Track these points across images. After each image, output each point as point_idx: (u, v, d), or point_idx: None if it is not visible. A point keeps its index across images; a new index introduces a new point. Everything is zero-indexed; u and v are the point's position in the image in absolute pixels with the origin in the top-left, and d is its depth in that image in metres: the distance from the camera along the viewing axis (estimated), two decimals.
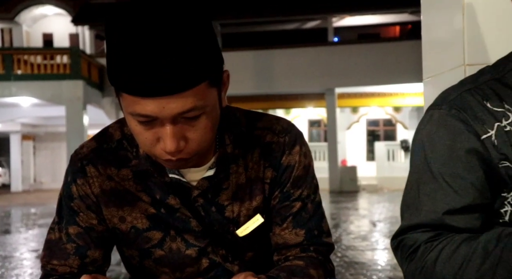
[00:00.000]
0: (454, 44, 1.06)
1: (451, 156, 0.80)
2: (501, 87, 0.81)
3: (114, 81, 0.78)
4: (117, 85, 0.78)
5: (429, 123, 0.84)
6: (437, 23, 1.17)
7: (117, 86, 0.78)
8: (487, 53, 0.99)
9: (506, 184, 0.77)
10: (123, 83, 0.76)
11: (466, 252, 0.74)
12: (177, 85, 0.75)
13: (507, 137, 0.77)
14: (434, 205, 0.80)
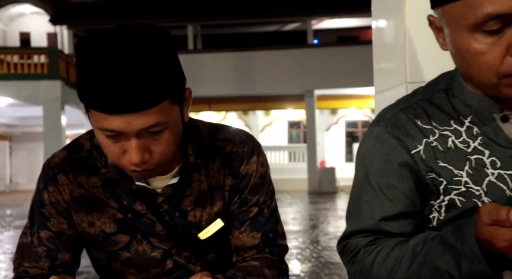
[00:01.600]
0: (398, 64, 1.17)
1: (386, 168, 0.90)
2: (430, 106, 0.91)
3: (84, 98, 0.86)
4: (86, 102, 0.86)
5: (369, 138, 0.94)
6: (384, 44, 1.28)
7: (87, 103, 0.87)
8: (427, 73, 1.09)
9: (433, 193, 0.88)
10: (92, 100, 0.85)
11: (398, 255, 0.84)
12: (142, 103, 0.84)
13: (433, 151, 0.88)
14: (372, 212, 0.90)
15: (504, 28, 0.76)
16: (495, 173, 0.84)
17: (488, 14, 0.75)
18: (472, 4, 0.76)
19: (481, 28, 0.77)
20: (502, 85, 0.80)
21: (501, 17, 0.75)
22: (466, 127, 0.87)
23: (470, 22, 0.77)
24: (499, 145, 0.85)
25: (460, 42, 0.81)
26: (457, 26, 0.80)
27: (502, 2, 0.74)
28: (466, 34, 0.79)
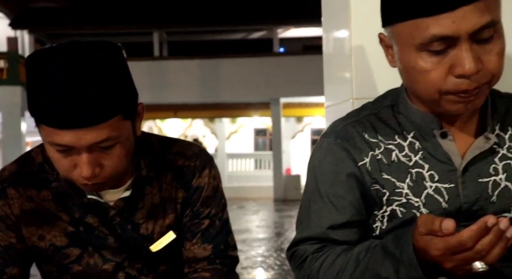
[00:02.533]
0: (345, 80, 1.22)
1: (335, 179, 0.94)
2: (377, 121, 0.96)
3: (34, 113, 0.87)
4: (36, 117, 0.87)
5: (320, 150, 0.98)
6: (333, 61, 1.34)
7: (37, 118, 0.87)
8: (372, 89, 1.15)
9: (376, 204, 0.93)
10: (42, 115, 0.86)
11: (343, 261, 0.89)
12: (92, 119, 0.85)
13: (378, 164, 0.93)
14: (320, 221, 0.94)
15: (448, 48, 0.81)
16: (433, 186, 0.90)
17: (434, 36, 0.80)
18: (419, 25, 0.81)
19: (427, 47, 0.82)
20: (444, 101, 0.85)
21: (445, 38, 0.80)
22: (408, 142, 0.93)
23: (417, 42, 0.82)
24: (437, 160, 0.90)
25: (407, 60, 0.85)
26: (405, 44, 0.85)
27: (446, 25, 0.79)
28: (413, 53, 0.84)
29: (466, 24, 0.78)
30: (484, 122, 0.91)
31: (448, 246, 0.74)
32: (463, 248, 0.74)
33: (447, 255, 0.75)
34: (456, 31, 0.78)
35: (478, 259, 0.74)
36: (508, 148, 0.91)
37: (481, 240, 0.73)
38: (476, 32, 0.79)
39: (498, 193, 0.88)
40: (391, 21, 0.86)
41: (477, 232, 0.73)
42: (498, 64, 0.82)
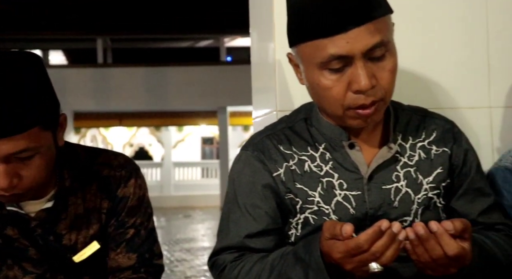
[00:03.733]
0: (270, 92, 1.27)
1: (251, 189, 0.99)
2: (291, 133, 1.02)
3: None
4: None
5: (238, 162, 1.03)
6: (259, 73, 1.39)
7: None
8: (295, 102, 1.20)
9: (291, 212, 0.98)
10: None
11: (259, 268, 0.93)
12: (8, 129, 0.85)
13: (292, 174, 0.98)
14: (238, 230, 0.98)
15: (345, 67, 0.88)
16: (342, 194, 0.96)
17: (331, 55, 0.87)
18: (318, 46, 0.88)
19: (327, 66, 0.89)
20: (347, 116, 0.92)
21: (342, 57, 0.87)
22: (320, 153, 0.99)
23: (318, 61, 0.89)
24: (346, 169, 0.97)
25: (312, 78, 0.92)
26: (309, 63, 0.91)
27: (341, 45, 0.86)
28: (316, 71, 0.90)
29: (359, 44, 0.85)
30: (388, 133, 0.99)
31: (347, 248, 0.80)
32: (360, 250, 0.80)
33: (347, 257, 0.81)
34: (350, 51, 0.86)
35: (374, 261, 0.80)
36: (409, 157, 0.98)
37: (376, 242, 0.79)
38: (368, 51, 0.86)
39: (400, 199, 0.95)
40: (295, 42, 0.93)
41: (372, 236, 0.79)
42: (391, 80, 0.90)
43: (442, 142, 1.00)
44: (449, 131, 1.02)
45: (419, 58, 1.27)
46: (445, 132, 1.02)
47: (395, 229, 0.79)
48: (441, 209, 0.98)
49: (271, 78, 1.26)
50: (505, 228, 1.00)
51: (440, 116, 1.05)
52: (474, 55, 1.28)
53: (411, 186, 0.96)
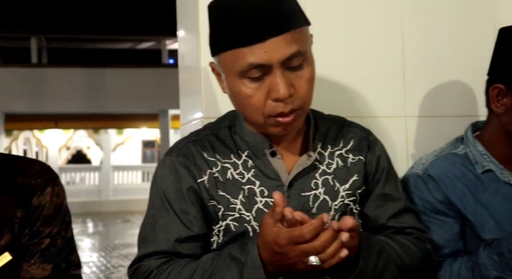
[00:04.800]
0: (196, 100, 1.28)
1: (179, 195, 0.99)
2: (215, 140, 1.02)
3: None
4: None
5: (163, 167, 1.02)
6: (186, 80, 1.39)
7: None
8: (220, 109, 1.22)
9: (213, 219, 0.99)
10: None
11: (189, 272, 0.93)
12: None
13: (215, 181, 0.99)
14: (167, 235, 0.97)
15: (264, 75, 0.90)
16: (263, 201, 0.98)
17: (250, 64, 0.89)
18: (238, 55, 0.90)
19: (246, 75, 0.90)
20: (268, 124, 0.94)
21: (261, 66, 0.89)
22: (243, 160, 1.00)
23: (238, 70, 0.90)
24: (267, 177, 0.99)
25: (233, 86, 0.93)
26: (230, 72, 0.93)
27: (259, 55, 0.88)
28: (237, 80, 0.92)
29: (276, 53, 0.88)
30: (308, 141, 1.02)
31: (291, 235, 0.83)
32: (303, 239, 0.82)
33: (291, 245, 0.83)
34: (269, 60, 0.88)
35: (315, 254, 0.83)
36: (327, 165, 1.02)
37: (321, 236, 0.82)
38: (286, 60, 0.89)
39: (318, 205, 0.98)
40: (216, 51, 0.94)
41: (315, 226, 0.82)
42: (308, 89, 0.94)
43: (358, 151, 1.04)
44: (365, 139, 1.06)
45: (339, 69, 1.32)
46: (361, 140, 1.06)
47: (335, 226, 0.83)
48: (357, 215, 1.02)
49: (197, 84, 1.26)
50: (415, 231, 1.05)
51: (357, 125, 1.10)
52: (391, 67, 1.35)
53: (329, 193, 0.99)
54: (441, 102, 1.37)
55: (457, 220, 1.12)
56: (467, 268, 1.06)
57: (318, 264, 0.82)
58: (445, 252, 1.11)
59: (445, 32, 1.38)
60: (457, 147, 1.19)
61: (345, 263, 0.88)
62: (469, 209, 1.12)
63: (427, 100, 1.36)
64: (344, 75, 1.32)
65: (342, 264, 0.87)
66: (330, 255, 0.83)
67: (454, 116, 1.36)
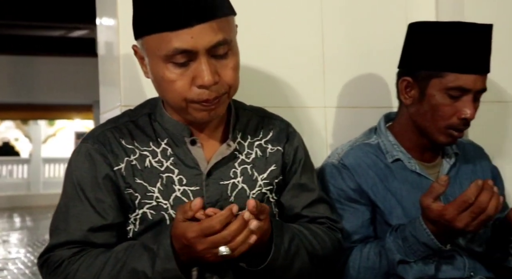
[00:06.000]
0: (115, 86, 1.25)
1: (94, 183, 0.96)
2: (134, 128, 1.01)
3: None
4: None
5: (78, 155, 0.99)
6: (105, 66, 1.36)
7: None
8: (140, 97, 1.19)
9: (130, 207, 0.97)
10: None
11: (102, 261, 0.91)
12: None
13: (132, 169, 0.97)
14: (80, 224, 0.95)
15: (190, 62, 0.90)
16: (181, 189, 0.97)
17: (176, 49, 0.88)
18: (163, 39, 0.89)
19: (171, 60, 0.89)
20: (190, 108, 0.94)
21: (186, 52, 0.89)
22: (162, 148, 0.99)
23: (163, 54, 0.89)
24: (186, 165, 0.98)
25: (157, 71, 0.92)
26: (154, 56, 0.91)
27: (186, 40, 0.88)
28: (161, 64, 0.91)
29: (202, 40, 0.88)
30: (228, 131, 1.02)
31: (201, 228, 0.83)
32: (213, 230, 0.83)
33: (200, 237, 0.84)
34: (194, 46, 0.88)
35: (225, 244, 0.83)
36: (246, 154, 1.03)
37: (229, 226, 0.83)
38: (211, 48, 0.89)
39: (236, 194, 1.00)
40: (141, 34, 0.93)
41: (224, 217, 0.83)
42: (234, 77, 0.94)
43: (277, 141, 1.06)
44: (284, 130, 1.09)
45: (260, 60, 1.33)
46: (280, 132, 1.08)
47: (246, 217, 0.84)
48: (273, 204, 1.04)
49: (116, 72, 1.24)
50: (328, 221, 1.09)
51: (277, 117, 1.12)
52: (310, 59, 1.38)
53: (247, 182, 1.01)
54: (358, 93, 1.42)
55: (368, 207, 1.17)
56: (375, 253, 1.11)
57: (229, 253, 0.83)
58: (357, 238, 1.15)
59: (363, 26, 1.43)
60: (370, 137, 1.24)
61: (258, 250, 0.90)
62: (379, 197, 1.17)
63: (345, 92, 1.41)
64: (265, 66, 1.33)
65: (255, 251, 0.88)
66: (240, 243, 0.84)
67: (370, 107, 1.42)
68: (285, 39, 1.35)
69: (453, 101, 1.12)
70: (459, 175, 1.22)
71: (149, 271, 0.87)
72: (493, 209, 0.97)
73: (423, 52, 1.15)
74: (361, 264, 1.12)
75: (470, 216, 0.98)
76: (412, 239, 1.05)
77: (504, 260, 1.16)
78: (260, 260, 0.92)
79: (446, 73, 1.11)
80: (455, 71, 1.11)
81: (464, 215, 0.98)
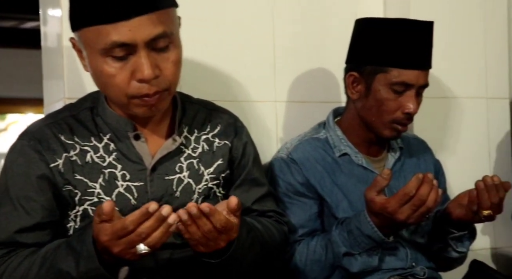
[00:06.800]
0: (59, 80, 1.21)
1: (26, 181, 0.93)
2: (75, 123, 0.98)
3: None
4: None
5: (13, 152, 0.95)
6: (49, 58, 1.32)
7: None
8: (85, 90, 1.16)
9: (69, 204, 0.94)
10: None
11: (29, 262, 0.88)
12: None
13: (72, 165, 0.94)
14: (9, 225, 0.91)
15: (129, 55, 0.87)
16: (124, 185, 0.95)
17: (114, 42, 0.85)
18: (101, 32, 0.86)
19: (110, 53, 0.87)
20: (132, 104, 0.91)
21: (125, 45, 0.86)
22: (104, 144, 0.97)
23: (101, 47, 0.86)
24: (129, 160, 0.96)
25: (95, 65, 0.89)
26: (92, 49, 0.88)
27: (124, 33, 0.85)
28: (100, 58, 0.88)
29: (141, 33, 0.86)
30: (174, 125, 1.01)
31: (114, 230, 0.79)
32: (126, 231, 0.79)
33: (114, 240, 0.80)
34: (133, 39, 0.86)
35: (141, 242, 0.80)
36: (193, 149, 1.02)
37: (143, 224, 0.79)
38: (151, 40, 0.87)
39: (182, 189, 0.98)
40: (78, 26, 0.90)
41: (139, 217, 0.79)
42: (174, 72, 0.92)
43: (224, 135, 1.05)
44: (232, 125, 1.08)
45: (211, 53, 1.32)
46: (228, 126, 1.07)
47: (164, 212, 0.79)
48: (220, 198, 1.03)
49: (60, 64, 1.19)
50: (275, 215, 1.10)
51: (226, 111, 1.11)
52: (262, 53, 1.38)
53: (193, 177, 0.99)
54: (309, 88, 1.43)
55: (315, 201, 1.19)
56: (322, 246, 1.13)
57: (147, 251, 0.80)
58: (304, 231, 1.17)
59: (314, 22, 1.44)
60: (319, 131, 1.26)
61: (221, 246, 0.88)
62: (326, 191, 1.18)
63: (296, 86, 1.41)
64: (215, 60, 1.32)
65: (220, 247, 0.87)
66: (158, 240, 0.80)
67: (321, 102, 1.43)
68: (235, 32, 1.34)
69: (397, 96, 1.15)
70: (403, 168, 1.25)
71: (74, 271, 0.84)
72: (433, 201, 1.00)
73: (369, 48, 1.17)
74: (308, 257, 1.13)
75: (411, 208, 1.00)
76: (356, 231, 1.07)
77: (444, 250, 1.20)
78: (217, 253, 0.90)
79: (391, 69, 1.14)
80: (399, 67, 1.13)
81: (406, 207, 1.00)
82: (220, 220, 0.84)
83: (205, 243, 0.86)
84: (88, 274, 0.83)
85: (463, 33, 1.53)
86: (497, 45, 1.58)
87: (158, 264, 0.96)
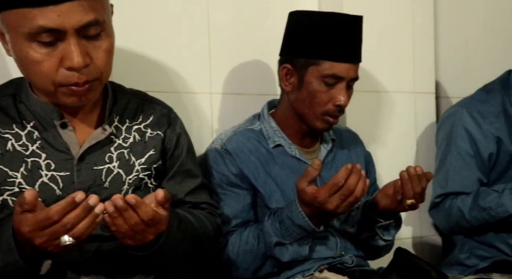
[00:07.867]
0: None
1: None
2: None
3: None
4: None
5: None
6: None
7: None
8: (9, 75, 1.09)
9: None
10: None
11: None
12: None
13: None
14: None
15: (57, 41, 0.83)
16: (48, 175, 0.91)
17: (41, 27, 0.81)
18: (26, 15, 0.81)
19: (36, 38, 0.82)
20: (59, 93, 0.87)
21: (53, 31, 0.82)
22: (27, 131, 0.92)
23: (26, 31, 0.82)
24: (55, 149, 0.92)
25: (20, 49, 0.84)
26: (16, 33, 0.83)
27: (52, 18, 0.81)
28: (25, 42, 0.83)
29: (71, 19, 0.82)
30: (105, 114, 0.98)
31: (37, 220, 0.76)
32: (50, 221, 0.76)
33: (36, 231, 0.77)
34: (62, 25, 0.82)
35: (66, 233, 0.77)
36: (124, 139, 0.99)
37: (68, 214, 0.76)
38: (81, 28, 0.83)
39: (111, 180, 0.96)
40: (0, 8, 0.84)
41: (64, 207, 0.76)
42: (106, 61, 0.89)
43: (157, 126, 1.04)
44: (165, 115, 1.06)
45: (146, 43, 1.29)
46: (161, 116, 1.05)
47: (92, 202, 0.77)
48: (152, 189, 1.01)
49: None
50: (208, 207, 1.09)
51: (159, 102, 1.09)
52: (197, 45, 1.37)
53: (123, 167, 0.97)
54: (244, 80, 1.43)
55: (249, 192, 1.19)
56: (254, 236, 1.13)
57: (72, 243, 0.77)
58: (237, 222, 1.17)
59: (249, 14, 1.44)
60: (253, 123, 1.26)
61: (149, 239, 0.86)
62: (259, 181, 1.19)
63: (231, 78, 1.41)
64: (149, 50, 1.29)
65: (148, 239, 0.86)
66: (83, 231, 0.78)
67: (256, 94, 1.44)
68: (170, 22, 1.32)
69: (329, 89, 1.17)
70: (335, 160, 1.29)
71: None
72: (360, 191, 1.03)
73: (301, 40, 1.18)
74: (240, 248, 1.14)
75: (340, 198, 1.03)
76: (288, 221, 1.09)
77: (371, 239, 1.25)
78: (146, 246, 0.88)
79: (322, 61, 1.16)
80: (330, 59, 1.15)
81: (335, 197, 1.03)
82: (147, 212, 0.83)
83: (132, 236, 0.85)
84: (7, 268, 0.80)
85: (393, 30, 1.59)
86: (424, 42, 1.65)
87: (85, 257, 0.94)
